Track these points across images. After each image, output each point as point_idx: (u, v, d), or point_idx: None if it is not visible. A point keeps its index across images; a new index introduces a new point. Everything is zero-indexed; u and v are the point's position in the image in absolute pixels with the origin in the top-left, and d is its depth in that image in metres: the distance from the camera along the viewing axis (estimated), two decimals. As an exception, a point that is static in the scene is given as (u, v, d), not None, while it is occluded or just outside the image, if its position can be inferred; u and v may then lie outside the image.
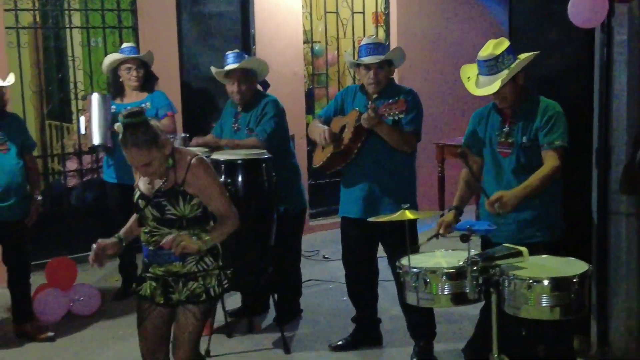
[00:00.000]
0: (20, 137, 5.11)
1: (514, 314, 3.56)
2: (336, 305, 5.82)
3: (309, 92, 8.45)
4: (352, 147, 4.60)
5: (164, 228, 3.49)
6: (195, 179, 3.48)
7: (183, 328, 3.55)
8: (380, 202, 4.59)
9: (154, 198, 3.49)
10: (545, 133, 4.00)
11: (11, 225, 5.01)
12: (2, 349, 5.07)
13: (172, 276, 3.53)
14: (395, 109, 4.49)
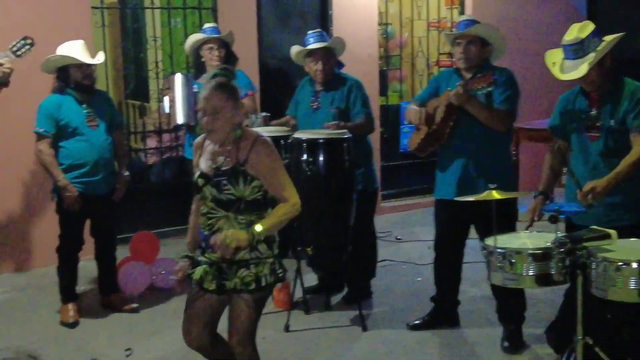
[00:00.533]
0: (109, 114, 5.25)
1: (601, 297, 3.55)
2: (411, 285, 5.87)
3: (381, 74, 8.46)
4: (444, 127, 4.59)
5: (221, 210, 3.41)
6: (258, 159, 3.41)
7: (236, 315, 3.47)
8: (475, 184, 4.46)
9: (215, 177, 3.42)
10: (635, 116, 3.94)
11: (100, 199, 5.15)
12: (89, 319, 5.24)
13: (226, 262, 3.44)
14: (482, 83, 4.39)
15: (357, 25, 7.79)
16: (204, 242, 3.54)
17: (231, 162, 3.41)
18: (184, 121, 5.76)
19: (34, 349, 4.70)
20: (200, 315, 3.55)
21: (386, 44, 8.73)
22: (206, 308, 3.53)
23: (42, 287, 5.73)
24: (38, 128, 4.99)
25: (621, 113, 3.98)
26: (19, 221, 6.28)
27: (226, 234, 3.30)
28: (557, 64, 4.07)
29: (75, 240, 5.20)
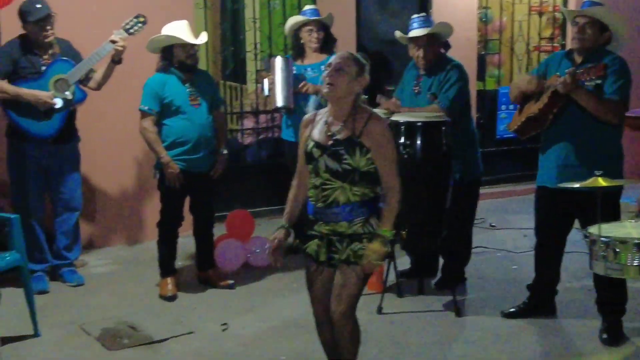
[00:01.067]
0: (210, 93, 5.35)
1: None
2: (506, 273, 5.81)
3: (480, 58, 8.35)
4: (547, 112, 4.47)
5: (337, 181, 3.50)
6: (373, 131, 3.50)
7: (344, 286, 3.55)
8: (577, 174, 4.26)
9: (331, 146, 3.51)
10: None
11: (200, 176, 5.28)
12: (186, 293, 5.39)
13: (337, 236, 3.54)
14: (592, 74, 4.26)
15: (456, 9, 7.72)
16: (314, 215, 3.63)
17: (347, 133, 3.51)
18: (283, 104, 5.84)
19: (133, 320, 4.89)
20: (321, 293, 3.70)
21: (485, 28, 8.60)
22: (324, 284, 3.67)
23: (147, 260, 5.91)
24: (143, 106, 5.15)
25: None
26: (130, 197, 6.51)
27: (369, 257, 3.46)
28: None
29: (175, 216, 5.35)
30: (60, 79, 5.24)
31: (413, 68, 5.40)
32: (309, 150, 3.58)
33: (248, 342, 4.61)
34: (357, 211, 3.53)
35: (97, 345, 4.55)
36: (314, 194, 3.59)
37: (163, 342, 4.59)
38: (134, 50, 5.44)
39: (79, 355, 4.43)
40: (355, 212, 3.53)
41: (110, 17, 5.62)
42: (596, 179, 3.74)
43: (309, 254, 3.65)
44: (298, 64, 6.04)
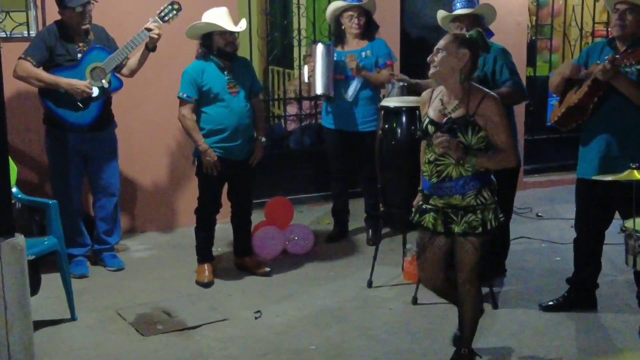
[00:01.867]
0: (249, 81, 5.36)
1: None
2: (547, 264, 5.72)
3: (531, 44, 8.19)
4: (587, 102, 4.37)
5: (449, 157, 3.73)
6: (487, 112, 3.71)
7: (464, 256, 3.86)
8: (618, 165, 4.15)
9: (445, 124, 3.74)
10: None
11: (238, 164, 5.31)
12: (223, 279, 5.44)
13: (451, 208, 3.82)
14: (632, 58, 4.16)
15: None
16: (428, 190, 3.90)
17: (462, 112, 3.75)
18: (323, 92, 5.85)
19: (169, 305, 4.96)
20: (431, 260, 3.98)
21: (537, 12, 8.43)
22: (435, 252, 3.95)
23: (184, 246, 5.96)
24: (181, 93, 5.19)
25: None
26: (170, 182, 6.58)
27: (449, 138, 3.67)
28: None
29: (213, 203, 5.39)
30: (96, 67, 5.30)
31: None
32: (424, 126, 3.87)
33: (280, 330, 4.63)
34: (470, 185, 3.78)
35: (132, 330, 4.63)
36: (428, 169, 3.86)
37: (196, 328, 4.64)
38: (172, 37, 5.50)
39: (113, 340, 4.51)
40: (468, 185, 3.78)
41: (146, 4, 5.66)
42: (632, 171, 3.65)
43: (426, 226, 3.93)
44: (339, 50, 6.02)
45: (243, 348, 4.41)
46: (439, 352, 4.35)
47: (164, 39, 5.38)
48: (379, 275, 5.40)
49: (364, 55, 5.98)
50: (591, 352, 4.37)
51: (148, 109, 6.29)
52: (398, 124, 5.15)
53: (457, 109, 3.77)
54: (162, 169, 6.55)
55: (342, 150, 6.16)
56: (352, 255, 5.99)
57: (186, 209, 6.10)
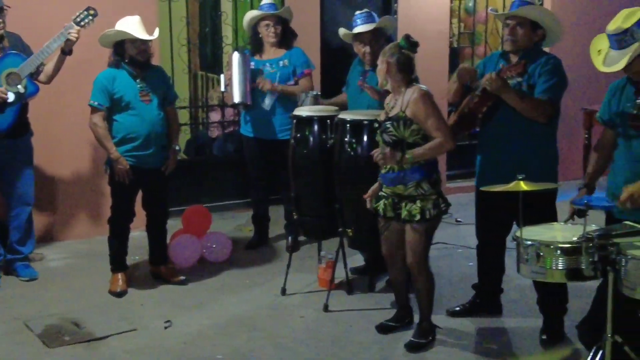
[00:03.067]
0: (163, 89, 5.34)
1: (629, 295, 3.45)
2: (460, 270, 5.81)
3: (453, 51, 8.31)
4: (477, 110, 4.47)
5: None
6: (415, 105, 4.20)
7: (409, 241, 4.35)
8: (510, 173, 4.10)
9: (384, 122, 4.30)
10: None
11: (151, 172, 5.28)
12: (137, 289, 5.40)
13: (396, 197, 4.32)
14: (513, 71, 4.30)
15: (426, 1, 7.65)
16: (381, 179, 4.39)
17: (396, 110, 4.27)
18: (240, 100, 5.87)
19: (79, 316, 4.92)
20: (389, 238, 4.51)
21: (463, 20, 8.56)
22: (391, 233, 4.47)
23: (101, 254, 5.86)
24: (92, 101, 5.15)
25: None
26: (84, 191, 6.51)
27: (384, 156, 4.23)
28: (603, 52, 3.90)
29: (126, 212, 5.36)
30: (11, 73, 5.22)
31: (358, 64, 5.43)
32: (375, 127, 4.43)
33: (188, 340, 4.62)
34: (410, 176, 4.24)
35: (38, 342, 4.57)
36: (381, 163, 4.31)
37: (104, 339, 4.60)
38: (90, 44, 5.44)
39: (17, 352, 4.44)
40: (408, 177, 4.24)
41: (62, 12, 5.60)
42: (518, 182, 3.73)
43: (378, 210, 4.41)
44: (257, 59, 6.04)
45: (149, 359, 4.39)
46: (346, 358, 4.39)
47: (82, 45, 5.33)
48: (294, 283, 5.43)
49: (282, 64, 6.01)
50: (490, 357, 4.45)
51: (66, 116, 6.23)
52: (310, 132, 5.19)
53: (395, 108, 4.27)
54: (81, 176, 6.48)
55: (260, 158, 6.18)
56: (270, 262, 6.01)
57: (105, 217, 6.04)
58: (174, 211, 5.97)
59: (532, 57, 4.42)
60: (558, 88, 4.38)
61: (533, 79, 4.37)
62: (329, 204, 5.17)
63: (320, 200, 5.24)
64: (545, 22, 4.48)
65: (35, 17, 5.90)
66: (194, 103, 7.73)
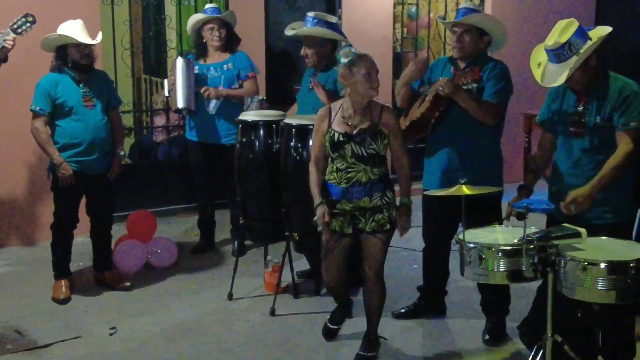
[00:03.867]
0: (107, 93, 5.28)
1: (569, 296, 3.53)
2: (405, 272, 5.85)
3: (397, 56, 8.38)
4: (429, 116, 4.51)
5: (361, 164, 4.13)
6: (387, 120, 4.15)
7: (374, 251, 4.24)
8: (458, 177, 4.18)
9: (358, 135, 4.11)
10: (620, 114, 3.83)
11: (95, 178, 5.22)
12: (81, 295, 5.32)
13: (359, 210, 4.19)
14: (468, 77, 4.38)
15: (370, 7, 7.71)
16: (337, 196, 4.20)
17: (368, 124, 4.12)
18: (184, 106, 5.83)
19: (22, 324, 4.83)
20: (337, 260, 4.33)
21: (406, 25, 8.63)
22: (341, 253, 4.31)
23: (44, 261, 5.77)
24: (34, 106, 5.07)
25: (608, 110, 3.87)
26: (29, 196, 6.40)
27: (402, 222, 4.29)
28: (542, 64, 3.97)
29: (69, 218, 5.28)
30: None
31: (310, 67, 5.44)
32: (335, 139, 4.15)
33: (134, 347, 4.58)
34: (376, 187, 4.16)
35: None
36: (337, 177, 4.19)
37: (47, 347, 4.54)
38: (30, 48, 5.36)
39: (-43, 362, 4.38)
40: (374, 188, 4.16)
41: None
42: (461, 186, 3.80)
43: (334, 229, 4.23)
44: (201, 63, 6.02)
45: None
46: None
47: (21, 50, 5.23)
48: (241, 287, 5.42)
49: (226, 67, 5.99)
50: (438, 358, 4.50)
51: (6, 121, 6.12)
52: (256, 137, 5.20)
53: (364, 121, 4.11)
54: (23, 182, 6.38)
55: (206, 162, 6.16)
56: (217, 267, 5.98)
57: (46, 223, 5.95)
58: (118, 216, 5.91)
59: (480, 63, 4.50)
60: (505, 92, 4.48)
61: (482, 83, 4.45)
62: (275, 208, 5.18)
63: (266, 204, 5.26)
64: (491, 28, 4.55)
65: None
66: (138, 107, 7.64)
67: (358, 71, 4.08)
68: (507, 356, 4.46)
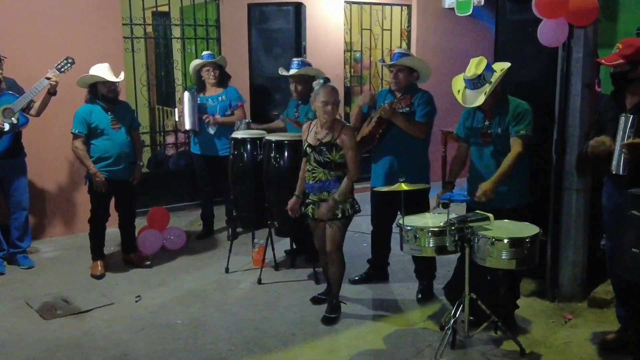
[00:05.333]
0: (129, 119, 5.16)
1: (480, 264, 3.53)
2: (358, 249, 5.80)
3: (347, 89, 8.37)
4: (375, 132, 4.49)
5: (321, 168, 4.13)
6: (344, 137, 4.09)
7: (330, 234, 4.19)
8: (397, 177, 4.23)
9: (318, 147, 4.11)
10: (514, 125, 3.87)
11: (121, 183, 5.10)
12: (113, 272, 5.21)
13: (322, 201, 4.15)
14: (402, 103, 4.42)
15: (327, 52, 7.71)
16: (308, 189, 4.22)
17: (329, 138, 4.10)
18: (190, 127, 5.75)
19: (68, 294, 4.70)
20: (319, 235, 4.32)
21: (354, 66, 8.62)
22: (321, 231, 4.28)
23: (83, 247, 5.64)
24: (74, 130, 4.94)
25: (506, 123, 3.91)
26: (69, 198, 6.24)
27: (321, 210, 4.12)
28: (461, 91, 3.97)
29: (103, 214, 5.15)
30: (7, 108, 4.98)
31: (294, 98, 5.38)
32: (304, 148, 4.20)
33: (154, 310, 4.48)
34: (332, 185, 4.12)
35: (36, 315, 4.36)
36: (308, 175, 4.20)
37: (88, 312, 4.43)
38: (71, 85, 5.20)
39: (21, 324, 4.24)
40: (331, 185, 4.12)
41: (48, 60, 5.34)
42: (400, 184, 3.77)
43: (307, 214, 4.23)
44: (201, 96, 5.92)
45: (124, 325, 4.23)
46: (275, 319, 4.34)
47: (65, 85, 5.11)
48: (235, 263, 5.33)
49: (220, 99, 5.90)
50: (382, 312, 4.47)
51: (53, 140, 5.94)
52: (244, 150, 5.12)
53: (327, 136, 4.09)
54: (66, 186, 6.20)
55: (206, 170, 6.05)
56: (216, 248, 5.87)
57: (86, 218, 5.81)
58: (140, 212, 5.77)
59: (411, 92, 4.49)
60: (431, 114, 4.47)
61: (413, 107, 4.44)
62: (259, 203, 5.11)
63: (253, 200, 5.17)
64: (419, 67, 4.55)
65: (25, 64, 5.60)
66: (153, 129, 7.50)
67: (318, 99, 4.08)
68: (436, 310, 4.45)
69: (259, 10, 6.34)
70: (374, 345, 3.95)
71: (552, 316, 4.29)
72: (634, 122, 3.34)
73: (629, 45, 3.44)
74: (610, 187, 3.65)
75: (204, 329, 4.17)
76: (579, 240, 4.39)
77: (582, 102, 4.24)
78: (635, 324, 3.72)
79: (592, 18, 4.08)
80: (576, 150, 4.27)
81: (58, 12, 6.00)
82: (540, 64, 4.48)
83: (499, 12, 4.70)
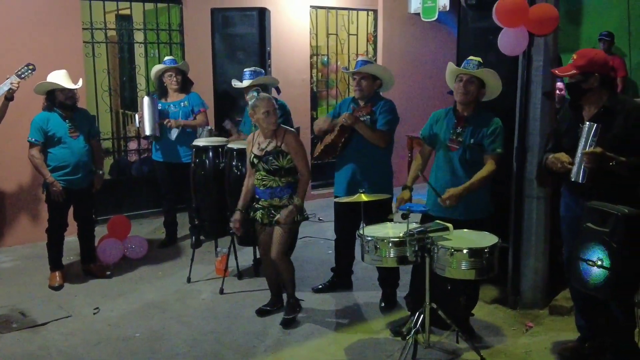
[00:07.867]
0: (87, 126, 5.06)
1: (440, 274, 3.54)
2: (323, 256, 5.78)
3: (314, 94, 8.34)
4: (337, 141, 4.48)
5: (271, 175, 4.17)
6: (289, 142, 4.15)
7: (276, 237, 4.20)
8: (359, 186, 4.29)
9: (264, 156, 4.14)
10: (490, 142, 3.87)
11: (80, 192, 5.00)
12: (71, 283, 5.10)
13: (273, 207, 4.21)
14: (363, 112, 4.41)
15: (293, 57, 7.66)
16: (258, 195, 4.26)
17: (273, 146, 4.14)
18: (151, 133, 5.67)
19: (24, 307, 4.59)
20: (264, 240, 4.33)
21: (321, 70, 8.59)
22: (266, 236, 4.30)
23: (42, 257, 5.49)
24: (30, 138, 4.85)
25: (480, 136, 3.89)
26: (27, 207, 6.11)
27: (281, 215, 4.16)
28: None
29: (60, 223, 5.05)
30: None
31: None
32: (251, 160, 4.24)
33: (113, 323, 4.39)
34: (284, 191, 4.17)
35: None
36: (258, 183, 4.23)
37: (45, 325, 4.33)
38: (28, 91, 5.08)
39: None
40: (282, 192, 4.17)
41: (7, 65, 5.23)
42: (360, 194, 3.76)
43: (256, 218, 4.26)
44: (163, 102, 5.84)
45: (81, 339, 4.14)
46: (236, 330, 4.29)
47: (24, 92, 4.98)
48: (197, 272, 5.26)
49: (182, 105, 5.83)
50: (344, 321, 4.45)
51: (12, 147, 5.80)
52: (206, 158, 5.07)
53: (270, 145, 4.13)
54: (24, 194, 6.06)
55: (169, 177, 5.96)
56: (178, 257, 5.79)
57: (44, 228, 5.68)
58: (101, 220, 5.70)
59: (374, 101, 4.47)
60: (393, 122, 4.46)
61: (375, 116, 4.43)
62: (222, 211, 5.06)
63: (215, 209, 5.13)
64: (382, 75, 4.54)
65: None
66: (116, 135, 7.36)
67: (259, 111, 4.13)
68: (397, 318, 4.43)
69: (222, 15, 6.29)
70: (334, 357, 3.92)
71: (513, 324, 4.31)
72: (597, 130, 3.35)
73: (582, 56, 3.47)
74: (567, 196, 3.68)
75: (162, 343, 4.10)
76: (540, 248, 4.43)
77: (542, 110, 4.28)
78: (593, 336, 3.75)
79: (552, 27, 4.12)
80: (537, 158, 4.30)
81: (15, 16, 5.86)
82: (501, 71, 4.49)
83: (461, 19, 4.73)
